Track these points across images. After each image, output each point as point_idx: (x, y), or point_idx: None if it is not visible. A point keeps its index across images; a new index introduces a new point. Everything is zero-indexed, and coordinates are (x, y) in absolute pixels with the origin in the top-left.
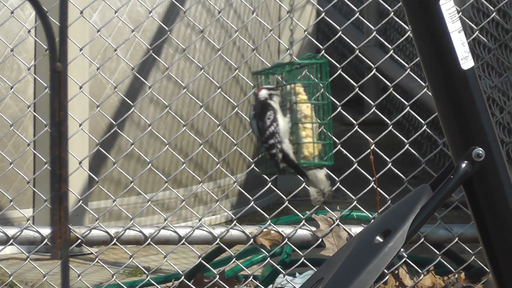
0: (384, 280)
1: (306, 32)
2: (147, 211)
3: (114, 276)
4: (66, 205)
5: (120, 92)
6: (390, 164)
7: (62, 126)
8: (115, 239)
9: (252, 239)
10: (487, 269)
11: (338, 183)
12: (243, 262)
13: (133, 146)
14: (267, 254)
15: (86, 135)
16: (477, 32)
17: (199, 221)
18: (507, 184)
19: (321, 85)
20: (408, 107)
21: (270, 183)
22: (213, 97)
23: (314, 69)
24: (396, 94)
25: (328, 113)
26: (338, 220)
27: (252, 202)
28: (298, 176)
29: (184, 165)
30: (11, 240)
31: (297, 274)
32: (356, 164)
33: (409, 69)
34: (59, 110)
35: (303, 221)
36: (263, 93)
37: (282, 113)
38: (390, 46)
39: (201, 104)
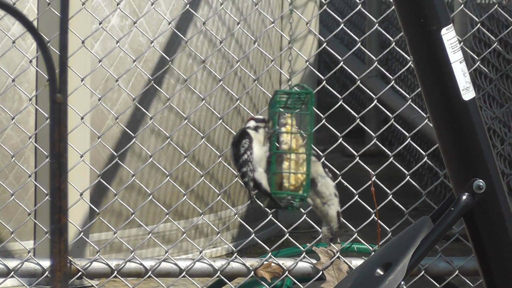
0: None
1: (307, 63)
2: (148, 243)
3: None
4: (66, 237)
5: (121, 123)
6: (391, 196)
7: (62, 158)
8: (115, 272)
9: (252, 272)
10: None
11: (340, 216)
12: None
13: (134, 177)
14: (268, 287)
15: (87, 166)
16: (478, 62)
17: (200, 253)
18: (508, 216)
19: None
20: (409, 138)
21: (271, 215)
22: (214, 128)
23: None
24: (397, 125)
25: (309, 143)
26: (338, 253)
27: (253, 234)
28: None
29: (185, 196)
30: (12, 273)
31: None
32: (357, 196)
33: (410, 100)
34: (59, 141)
35: (304, 253)
36: (250, 123)
37: (263, 143)
38: (391, 77)
39: (202, 135)
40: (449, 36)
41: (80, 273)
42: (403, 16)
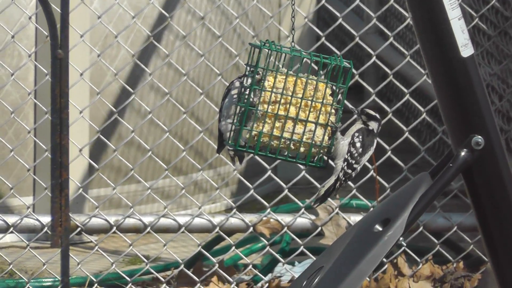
0: (383, 269)
1: (306, 19)
2: (147, 199)
3: (114, 265)
4: (67, 192)
5: (120, 79)
6: (390, 152)
7: (63, 113)
8: (114, 227)
9: (251, 228)
10: (486, 258)
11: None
12: (242, 250)
13: (133, 133)
14: (267, 242)
15: (87, 123)
16: (476, 19)
17: (199, 209)
18: (506, 172)
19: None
20: (408, 95)
21: (270, 171)
22: (214, 84)
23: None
24: (396, 82)
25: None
26: (337, 209)
27: (252, 190)
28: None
29: (184, 152)
30: (11, 228)
31: (296, 262)
32: None
33: (409, 57)
34: (60, 97)
35: (303, 209)
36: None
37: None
38: (390, 34)
39: (201, 91)
40: None
41: (79, 228)
42: None
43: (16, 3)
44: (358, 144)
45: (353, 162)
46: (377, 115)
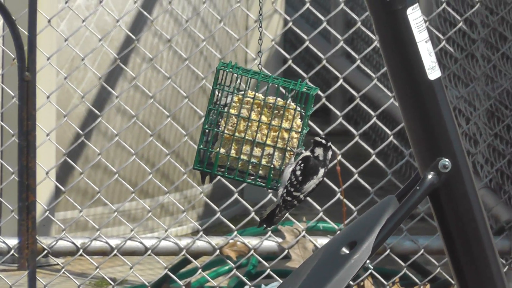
0: None
1: (273, 42)
2: (114, 221)
3: (80, 287)
4: (34, 215)
5: (87, 101)
6: (357, 175)
7: (30, 136)
8: (81, 250)
9: (218, 250)
10: (452, 281)
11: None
12: (209, 273)
13: (100, 156)
14: (233, 265)
15: (53, 145)
16: (444, 42)
17: (166, 232)
18: (473, 195)
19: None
20: (375, 118)
21: (236, 193)
22: (180, 107)
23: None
24: (362, 104)
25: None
26: (304, 231)
27: (219, 213)
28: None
29: (151, 175)
30: None
31: (262, 285)
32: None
33: (375, 79)
34: (27, 119)
35: (269, 232)
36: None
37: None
38: (357, 56)
39: (168, 114)
40: (414, 15)
41: (45, 251)
42: None
43: None
44: (298, 172)
45: (292, 189)
46: (323, 141)
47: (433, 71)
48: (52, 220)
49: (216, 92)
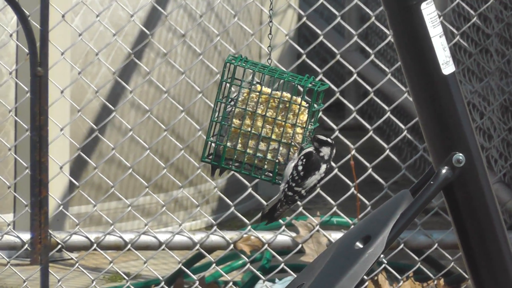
0: (363, 286)
1: (287, 37)
2: (128, 216)
3: (94, 282)
4: (46, 210)
5: (101, 96)
6: (371, 169)
7: (43, 131)
8: (95, 245)
9: (232, 245)
10: (467, 276)
11: (318, 188)
12: (223, 268)
13: (114, 150)
14: (247, 260)
15: (67, 140)
16: (458, 37)
17: (179, 226)
18: (487, 190)
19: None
20: (389, 112)
21: (250, 188)
22: (194, 101)
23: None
24: (376, 99)
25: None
26: (318, 226)
27: (233, 207)
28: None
29: (165, 170)
30: None
31: (276, 280)
32: (336, 169)
33: (390, 74)
34: (40, 114)
35: (283, 226)
36: None
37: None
38: (371, 51)
39: (182, 108)
40: (429, 10)
41: (59, 246)
42: None
43: None
44: (300, 168)
45: (294, 184)
46: (329, 140)
47: (447, 66)
48: (66, 214)
49: (224, 85)
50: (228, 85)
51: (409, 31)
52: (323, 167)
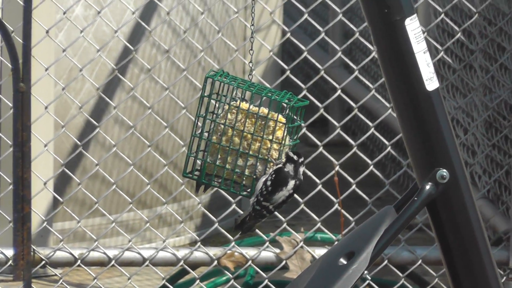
0: None
1: (271, 52)
2: (112, 232)
3: None
4: (29, 226)
5: (85, 112)
6: (354, 185)
7: (25, 147)
8: (79, 261)
9: (216, 261)
10: None
11: (302, 204)
12: (207, 284)
13: (97, 166)
14: (231, 276)
15: (51, 156)
16: (442, 52)
17: (163, 242)
18: (471, 206)
19: (302, 125)
20: (373, 128)
21: (234, 204)
22: (178, 117)
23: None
24: (360, 115)
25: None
26: (302, 242)
27: (217, 223)
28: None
29: (149, 186)
30: None
31: None
32: (320, 185)
33: (374, 90)
34: (22, 130)
35: (267, 243)
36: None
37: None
38: (355, 67)
39: (166, 124)
40: (413, 26)
41: (43, 262)
42: (366, 6)
43: None
44: (268, 183)
45: (262, 199)
46: (294, 157)
47: (431, 82)
48: (50, 230)
49: (203, 100)
50: (209, 100)
51: (393, 47)
52: (291, 183)
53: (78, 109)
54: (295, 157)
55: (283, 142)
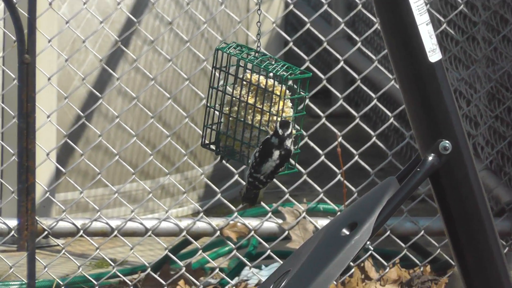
0: (350, 273)
1: (274, 24)
2: (114, 202)
3: (81, 268)
4: (33, 196)
5: (88, 83)
6: (357, 156)
7: (30, 118)
8: (81, 231)
9: (218, 231)
10: (453, 262)
11: (305, 175)
12: (209, 254)
13: (100, 137)
14: (234, 246)
15: (54, 127)
16: (444, 24)
17: (166, 213)
18: (474, 177)
19: (306, 96)
20: (376, 100)
21: (237, 175)
22: (181, 89)
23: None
24: (363, 87)
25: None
26: (304, 213)
27: (219, 194)
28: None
29: (152, 156)
30: None
31: (263, 266)
32: (323, 156)
33: (376, 62)
34: (27, 101)
35: (270, 213)
36: None
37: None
38: (358, 39)
39: (169, 96)
40: None
41: (46, 232)
42: None
43: None
44: (256, 154)
45: (253, 171)
46: (280, 131)
47: (434, 54)
48: (52, 201)
49: (214, 72)
50: (219, 72)
51: (396, 18)
52: (276, 153)
53: (81, 80)
54: (280, 131)
55: (282, 113)
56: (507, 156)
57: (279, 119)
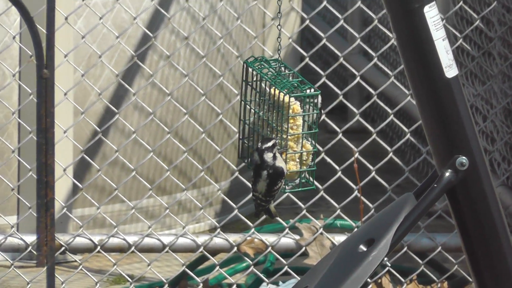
0: None
1: (290, 40)
2: (131, 218)
3: (98, 284)
4: (53, 212)
5: (104, 99)
6: (374, 172)
7: (49, 133)
8: (99, 247)
9: (235, 247)
10: (470, 279)
11: (322, 191)
12: (226, 270)
13: (117, 153)
14: (251, 262)
15: (71, 142)
16: (460, 40)
17: (183, 229)
18: (490, 193)
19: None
20: (392, 115)
21: None
22: (198, 104)
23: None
24: (380, 102)
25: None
26: (321, 229)
27: (236, 210)
28: None
29: (168, 172)
30: None
31: (280, 282)
32: (340, 172)
33: (393, 77)
34: (46, 116)
35: (287, 229)
36: None
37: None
38: (374, 54)
39: (185, 111)
40: (432, 13)
41: (63, 248)
42: None
43: (0, 22)
44: (252, 174)
45: (253, 190)
46: (259, 144)
47: (450, 69)
48: (69, 217)
49: (242, 85)
50: (246, 85)
51: (412, 34)
52: (264, 173)
53: (97, 95)
54: (259, 144)
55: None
56: None
57: (289, 137)
